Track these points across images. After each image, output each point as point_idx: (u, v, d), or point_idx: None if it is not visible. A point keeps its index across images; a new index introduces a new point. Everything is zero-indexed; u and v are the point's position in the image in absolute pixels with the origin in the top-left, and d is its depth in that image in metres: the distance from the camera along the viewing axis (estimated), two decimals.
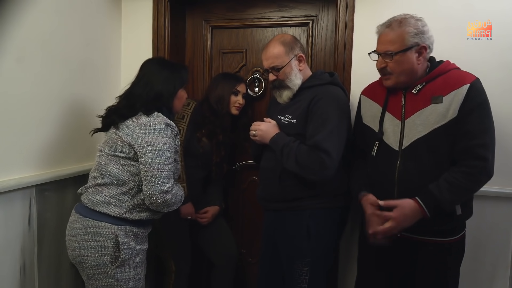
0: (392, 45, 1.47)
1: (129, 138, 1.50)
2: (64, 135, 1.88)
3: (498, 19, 1.76)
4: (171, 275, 2.03)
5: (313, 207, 1.68)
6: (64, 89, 1.86)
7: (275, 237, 1.79)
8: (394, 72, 1.49)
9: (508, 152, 1.79)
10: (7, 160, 1.58)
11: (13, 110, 1.59)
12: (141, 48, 2.27)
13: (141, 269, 1.61)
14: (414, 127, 1.46)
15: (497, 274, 1.84)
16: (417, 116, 1.46)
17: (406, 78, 1.50)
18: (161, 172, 1.47)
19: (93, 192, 1.56)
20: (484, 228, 1.80)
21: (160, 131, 1.49)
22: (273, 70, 1.72)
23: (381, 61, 1.51)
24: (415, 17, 1.48)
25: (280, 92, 1.75)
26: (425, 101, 1.45)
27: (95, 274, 1.52)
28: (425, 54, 1.47)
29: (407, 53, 1.45)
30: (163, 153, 1.48)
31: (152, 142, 1.48)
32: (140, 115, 1.53)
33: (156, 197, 1.47)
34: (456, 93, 1.40)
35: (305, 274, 1.69)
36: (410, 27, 1.45)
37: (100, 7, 2.11)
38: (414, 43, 1.45)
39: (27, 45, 1.64)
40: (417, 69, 1.48)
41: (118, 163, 1.53)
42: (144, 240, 1.63)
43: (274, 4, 2.23)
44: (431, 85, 1.47)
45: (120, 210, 1.52)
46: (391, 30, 1.48)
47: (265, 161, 1.80)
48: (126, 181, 1.53)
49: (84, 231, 1.53)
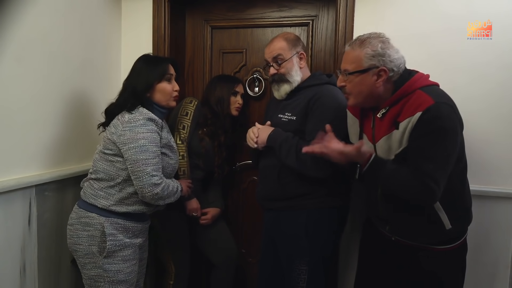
0: (350, 64, 1.42)
1: (114, 136, 1.56)
2: (64, 135, 1.88)
3: (498, 19, 1.76)
4: (171, 276, 2.03)
5: (311, 207, 1.68)
6: (64, 89, 1.86)
7: (274, 236, 1.80)
8: (351, 93, 1.44)
9: (508, 152, 1.78)
10: (7, 160, 1.58)
11: (13, 110, 1.59)
12: (141, 48, 2.26)
13: (133, 263, 1.63)
14: (383, 152, 1.42)
15: (497, 274, 1.85)
16: (384, 141, 1.41)
17: (366, 100, 1.44)
18: (146, 167, 1.52)
19: (87, 186, 1.65)
20: (484, 228, 1.80)
21: (141, 127, 1.54)
22: (275, 63, 1.74)
23: (341, 79, 1.47)
24: (381, 38, 1.41)
25: (278, 86, 1.76)
26: (389, 126, 1.39)
27: (86, 263, 1.59)
28: (385, 77, 1.38)
29: (363, 75, 1.39)
30: (145, 149, 1.53)
31: (133, 138, 1.53)
32: (124, 113, 1.59)
33: (146, 191, 1.53)
34: (409, 120, 1.31)
35: (304, 273, 1.69)
36: (368, 49, 1.38)
37: (100, 7, 2.11)
38: (371, 65, 1.38)
39: (27, 45, 1.64)
40: (377, 92, 1.40)
41: (106, 160, 1.60)
42: (136, 233, 1.65)
43: (274, 4, 2.23)
44: (394, 109, 1.39)
45: (107, 202, 1.58)
46: (351, 50, 1.43)
47: (264, 159, 1.80)
48: (114, 176, 1.59)
49: (78, 220, 1.61)
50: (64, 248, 1.82)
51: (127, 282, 1.61)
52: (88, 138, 2.04)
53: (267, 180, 1.78)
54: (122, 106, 1.61)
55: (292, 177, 1.68)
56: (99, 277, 1.57)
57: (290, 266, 1.72)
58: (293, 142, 1.64)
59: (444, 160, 1.31)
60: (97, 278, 1.57)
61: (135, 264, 1.65)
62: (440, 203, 1.37)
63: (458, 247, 1.47)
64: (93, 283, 1.59)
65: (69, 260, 1.89)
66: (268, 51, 1.78)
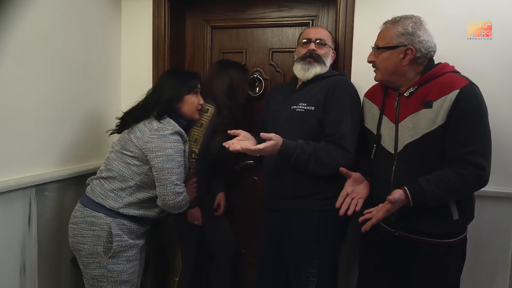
0: (381, 41, 1.51)
1: (140, 141, 1.60)
2: (64, 135, 1.88)
3: (498, 19, 1.76)
4: (177, 273, 2.03)
5: (322, 208, 1.66)
6: (64, 89, 1.86)
7: (282, 239, 1.75)
8: (379, 68, 1.53)
9: (508, 152, 1.79)
10: (7, 160, 1.58)
11: (12, 110, 1.59)
12: (141, 48, 2.27)
13: (135, 263, 1.65)
14: (407, 130, 1.45)
15: (497, 274, 1.85)
16: (409, 120, 1.45)
17: (392, 77, 1.51)
18: (171, 176, 1.57)
19: (96, 184, 1.65)
20: (484, 228, 1.80)
21: (169, 137, 1.60)
22: (319, 43, 1.78)
23: (371, 54, 1.56)
24: (414, 19, 1.48)
25: (310, 66, 1.75)
26: (417, 105, 1.44)
27: (90, 262, 1.59)
28: (411, 56, 1.44)
29: (390, 51, 1.47)
30: (172, 158, 1.58)
31: (161, 147, 1.57)
32: (152, 120, 1.64)
33: (168, 198, 1.57)
34: (445, 99, 1.36)
35: (313, 276, 1.67)
36: (399, 27, 1.46)
37: (100, 7, 2.11)
38: (399, 42, 1.45)
39: (27, 45, 1.64)
40: (403, 70, 1.47)
41: (123, 161, 1.62)
42: (138, 235, 1.68)
43: (274, 4, 2.23)
44: (423, 89, 1.45)
45: (116, 204, 1.59)
46: (385, 27, 1.53)
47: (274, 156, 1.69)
48: (127, 179, 1.61)
49: (83, 219, 1.61)
50: (64, 248, 1.82)
51: (129, 283, 1.62)
52: (88, 138, 2.04)
53: (276, 175, 1.72)
54: (148, 112, 1.66)
55: (307, 175, 1.64)
56: (102, 277, 1.58)
57: (299, 270, 1.69)
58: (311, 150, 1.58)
59: (488, 136, 1.37)
60: (101, 278, 1.58)
61: (137, 264, 1.67)
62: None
63: (459, 242, 1.48)
64: (96, 283, 1.59)
65: (69, 260, 1.90)
66: (315, 31, 1.82)
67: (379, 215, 1.40)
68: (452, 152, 1.37)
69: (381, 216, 1.40)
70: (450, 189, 1.35)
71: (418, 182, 1.37)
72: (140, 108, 1.71)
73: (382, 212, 1.39)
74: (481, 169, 1.34)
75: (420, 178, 1.38)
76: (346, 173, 1.57)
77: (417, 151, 1.43)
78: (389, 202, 1.37)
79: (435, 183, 1.35)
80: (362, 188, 1.58)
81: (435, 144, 1.39)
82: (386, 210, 1.39)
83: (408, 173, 1.44)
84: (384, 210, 1.39)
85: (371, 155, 1.58)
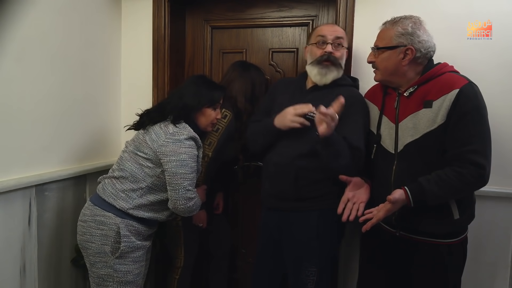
0: (381, 41, 1.52)
1: (155, 144, 1.58)
2: (64, 135, 1.88)
3: (498, 19, 1.76)
4: (177, 270, 2.03)
5: (322, 207, 1.66)
6: (64, 88, 1.86)
7: (281, 238, 1.75)
8: (379, 68, 1.54)
9: (507, 152, 1.79)
10: (7, 160, 1.58)
11: (12, 110, 1.59)
12: (141, 48, 2.27)
13: (141, 264, 1.65)
14: (407, 130, 1.45)
15: (497, 274, 1.85)
16: (409, 119, 1.45)
17: (392, 77, 1.51)
18: (184, 181, 1.56)
19: (107, 183, 1.64)
20: (484, 228, 1.80)
21: (184, 142, 1.58)
22: (336, 44, 1.68)
23: (371, 55, 1.56)
24: (413, 19, 1.48)
25: (327, 70, 1.66)
26: (417, 104, 1.44)
27: (97, 261, 1.59)
28: (411, 56, 1.44)
29: (390, 51, 1.47)
30: (185, 163, 1.57)
31: (175, 152, 1.56)
32: (168, 123, 1.62)
33: (180, 203, 1.57)
34: (445, 98, 1.37)
35: (313, 274, 1.67)
36: (399, 27, 1.46)
37: (100, 7, 2.11)
38: (399, 43, 1.45)
39: (27, 45, 1.64)
40: (402, 70, 1.48)
41: (136, 162, 1.61)
42: (146, 237, 1.68)
43: (274, 4, 2.23)
44: (422, 89, 1.45)
45: (126, 205, 1.58)
46: (385, 27, 1.53)
47: (278, 157, 1.70)
48: (139, 180, 1.60)
49: (92, 218, 1.60)
50: (64, 248, 1.82)
51: (134, 283, 1.62)
52: (89, 138, 2.04)
53: (279, 178, 1.69)
54: (165, 115, 1.64)
55: (310, 180, 1.64)
56: (108, 277, 1.58)
57: (299, 268, 1.69)
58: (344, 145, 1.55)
59: (488, 135, 1.37)
60: (106, 277, 1.58)
61: (143, 266, 1.67)
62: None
63: (460, 242, 1.48)
64: (102, 282, 1.59)
65: (69, 260, 1.90)
66: (332, 30, 1.70)
67: (380, 215, 1.40)
68: (452, 151, 1.37)
69: (382, 216, 1.40)
70: (451, 189, 1.35)
71: (419, 181, 1.37)
72: (158, 109, 1.69)
73: (382, 212, 1.40)
74: (481, 168, 1.34)
75: (420, 178, 1.38)
76: (346, 179, 1.56)
77: (417, 151, 1.43)
78: (390, 202, 1.37)
79: (435, 183, 1.35)
80: (362, 193, 1.57)
81: (435, 143, 1.40)
82: (386, 210, 1.39)
83: (408, 172, 1.44)
84: (384, 210, 1.39)
85: (371, 155, 1.58)
